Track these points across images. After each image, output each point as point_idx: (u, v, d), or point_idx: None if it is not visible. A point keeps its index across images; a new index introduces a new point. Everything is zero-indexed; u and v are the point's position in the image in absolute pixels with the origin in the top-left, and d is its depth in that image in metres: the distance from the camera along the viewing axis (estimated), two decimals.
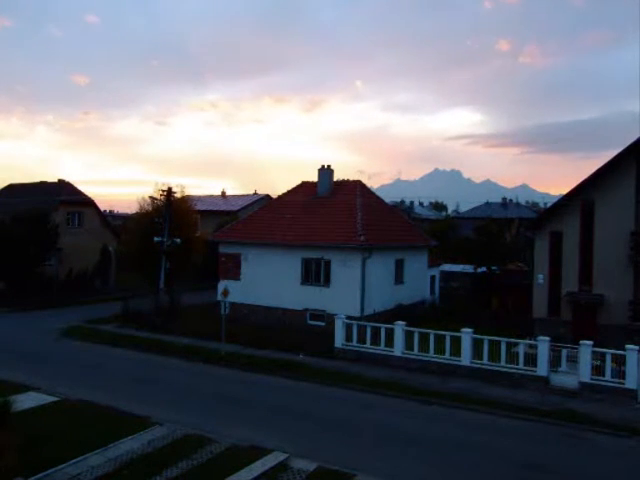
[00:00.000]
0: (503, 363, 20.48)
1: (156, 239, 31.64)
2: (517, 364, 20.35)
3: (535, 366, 20.08)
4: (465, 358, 21.07)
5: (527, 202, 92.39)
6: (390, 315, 27.40)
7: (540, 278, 26.51)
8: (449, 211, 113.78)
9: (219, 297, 26.04)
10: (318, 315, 28.60)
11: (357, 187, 32.76)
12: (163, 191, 33.11)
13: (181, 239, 32.63)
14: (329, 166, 33.02)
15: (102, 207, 51.37)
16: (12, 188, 48.28)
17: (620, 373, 18.89)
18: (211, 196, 63.39)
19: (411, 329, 22.58)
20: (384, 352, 22.67)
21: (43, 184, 46.31)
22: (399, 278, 31.68)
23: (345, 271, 27.99)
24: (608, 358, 19.20)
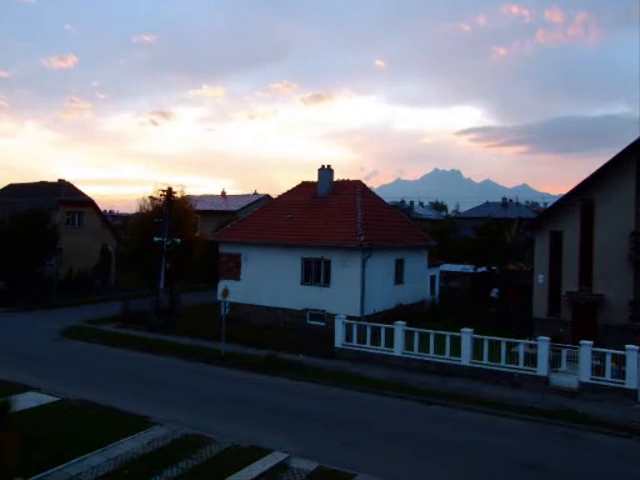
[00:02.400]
0: (503, 363, 20.47)
1: (156, 239, 31.64)
2: (517, 364, 20.35)
3: (535, 366, 20.08)
4: (465, 358, 21.07)
5: (527, 202, 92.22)
6: (390, 315, 27.39)
7: (540, 278, 26.51)
8: (449, 211, 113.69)
9: (219, 297, 26.03)
10: (318, 315, 28.60)
11: (357, 187, 32.78)
12: (163, 191, 33.12)
13: (181, 239, 32.63)
14: (329, 166, 33.05)
15: (102, 207, 51.43)
16: (12, 188, 48.31)
17: (620, 373, 18.89)
18: (211, 196, 63.40)
19: (411, 329, 22.58)
20: (384, 352, 22.67)
21: (43, 184, 46.33)
22: (399, 278, 31.68)
23: (345, 271, 27.98)
24: (608, 358, 19.20)
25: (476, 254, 37.79)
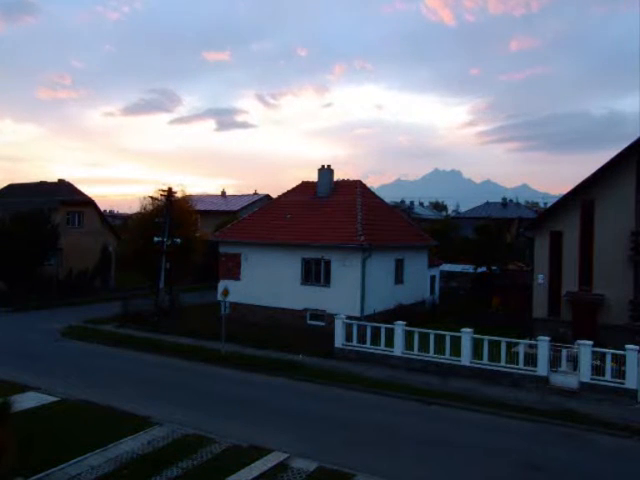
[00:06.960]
0: (503, 363, 20.47)
1: (156, 239, 31.66)
2: (517, 364, 20.34)
3: (535, 366, 20.08)
4: (465, 358, 21.06)
5: (527, 202, 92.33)
6: (390, 315, 27.40)
7: (540, 278, 26.50)
8: (449, 211, 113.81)
9: (219, 297, 26.02)
10: (318, 315, 28.60)
11: (357, 187, 32.80)
12: (163, 191, 33.14)
13: (181, 239, 32.65)
14: (329, 166, 33.07)
15: (102, 207, 51.49)
16: (12, 188, 48.38)
17: (620, 373, 18.89)
18: (211, 196, 63.45)
19: (411, 329, 22.58)
20: (384, 352, 22.67)
21: (43, 184, 46.47)
22: (399, 278, 31.69)
23: (345, 271, 27.99)
24: (608, 358, 19.19)
25: (476, 254, 37.81)
